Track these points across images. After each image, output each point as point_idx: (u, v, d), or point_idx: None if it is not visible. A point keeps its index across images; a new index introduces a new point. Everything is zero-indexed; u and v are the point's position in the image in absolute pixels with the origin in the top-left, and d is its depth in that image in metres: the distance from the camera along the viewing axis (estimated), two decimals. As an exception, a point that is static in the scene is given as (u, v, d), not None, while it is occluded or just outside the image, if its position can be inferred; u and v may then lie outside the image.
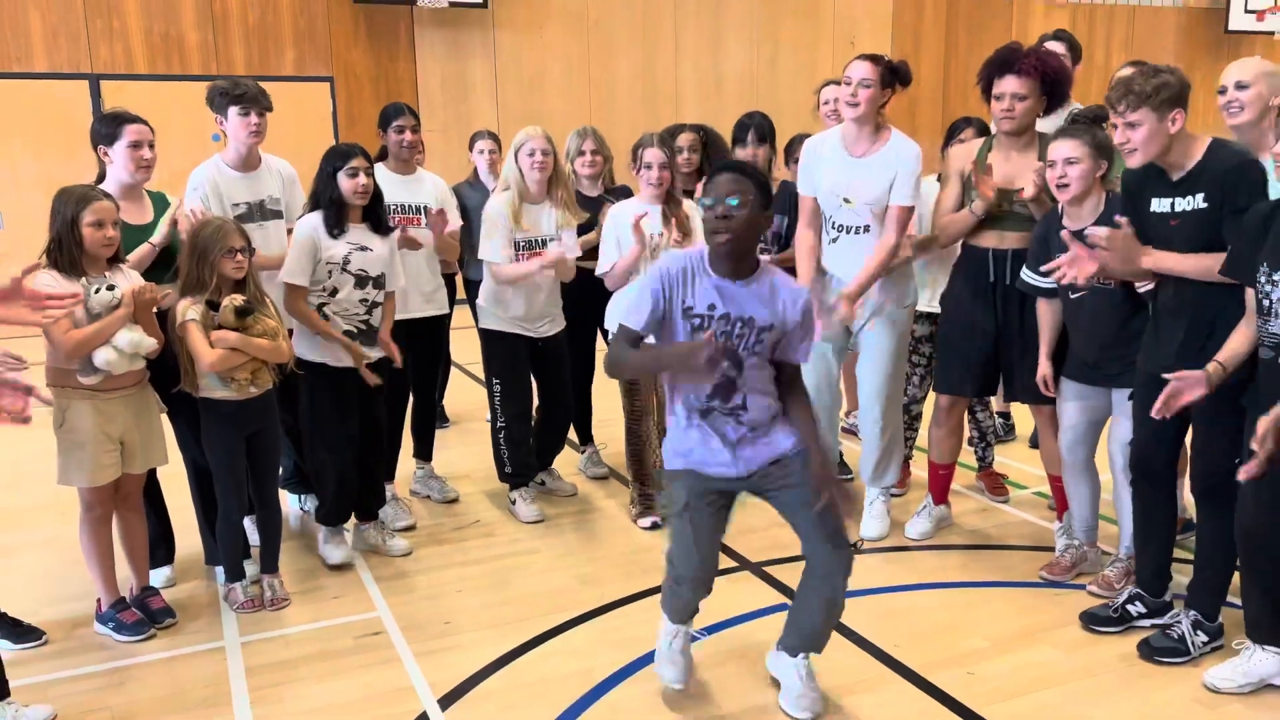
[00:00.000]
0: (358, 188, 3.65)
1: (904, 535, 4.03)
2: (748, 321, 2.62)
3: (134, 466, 3.33)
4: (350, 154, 3.66)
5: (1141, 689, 2.94)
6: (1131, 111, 2.85)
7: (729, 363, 2.62)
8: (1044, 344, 3.52)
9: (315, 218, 3.69)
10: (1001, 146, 3.69)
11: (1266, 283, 2.67)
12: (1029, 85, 3.55)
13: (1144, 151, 2.89)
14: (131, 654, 3.24)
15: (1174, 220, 2.94)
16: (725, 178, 2.57)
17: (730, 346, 2.61)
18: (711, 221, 2.57)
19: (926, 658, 3.10)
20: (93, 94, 8.80)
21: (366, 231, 3.76)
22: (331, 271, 3.69)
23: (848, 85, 3.68)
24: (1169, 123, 2.86)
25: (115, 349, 3.13)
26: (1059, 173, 3.25)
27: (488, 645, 3.24)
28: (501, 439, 4.31)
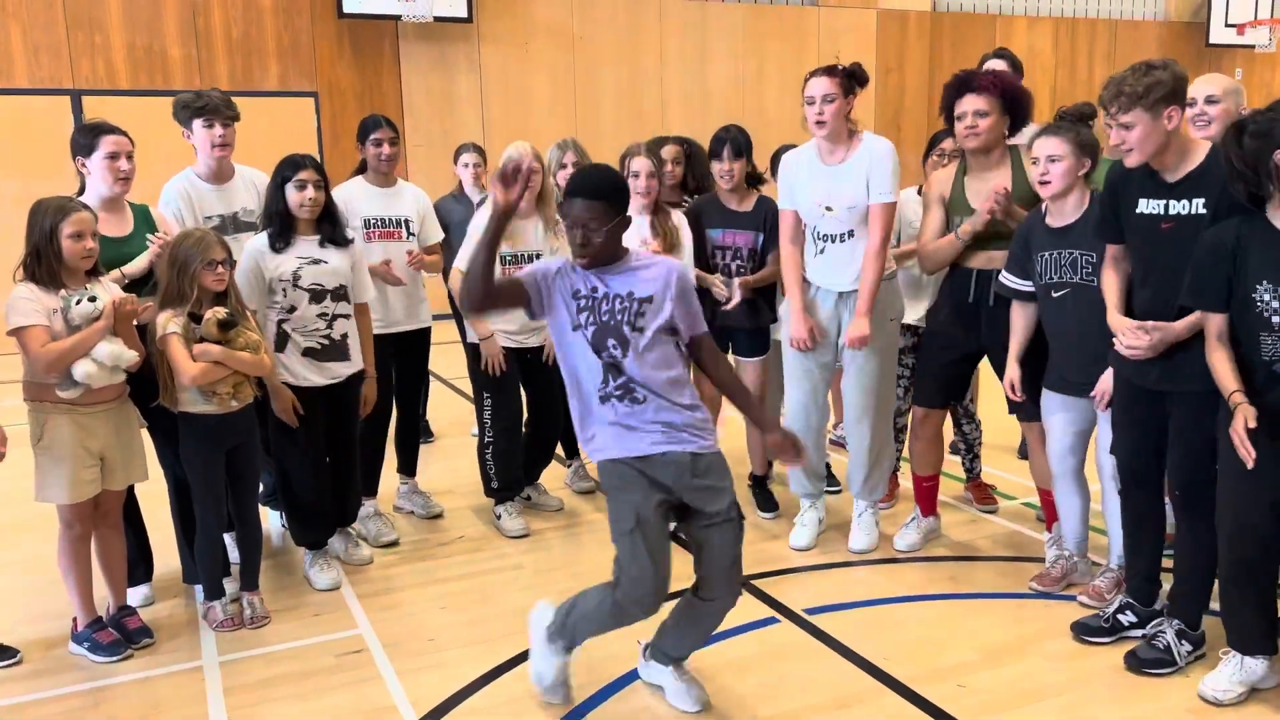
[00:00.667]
0: (304, 200, 3.59)
1: (893, 547, 4.00)
2: (627, 296, 2.68)
3: (114, 483, 3.27)
4: (300, 165, 3.60)
5: (1133, 700, 2.90)
6: (1124, 113, 2.81)
7: (614, 341, 2.66)
8: (1013, 347, 3.50)
9: (259, 239, 3.63)
10: (974, 169, 3.69)
11: (1271, 299, 2.63)
12: (989, 101, 3.56)
13: (1140, 151, 2.85)
14: (107, 674, 3.18)
15: (1166, 224, 2.89)
16: (579, 205, 2.64)
17: (613, 325, 2.66)
18: (574, 246, 2.67)
19: (916, 670, 3.06)
20: (75, 110, 8.75)
21: (316, 245, 3.67)
22: (285, 289, 3.62)
23: (811, 105, 3.67)
24: (1165, 120, 2.80)
25: (95, 362, 3.08)
26: (1041, 169, 3.24)
27: (472, 663, 3.19)
28: (489, 454, 4.27)
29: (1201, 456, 2.88)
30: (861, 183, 3.69)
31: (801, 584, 3.74)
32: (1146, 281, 2.97)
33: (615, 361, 2.67)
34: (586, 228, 2.62)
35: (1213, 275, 2.71)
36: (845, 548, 4.01)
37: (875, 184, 3.68)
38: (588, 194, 2.64)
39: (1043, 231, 3.34)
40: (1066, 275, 3.27)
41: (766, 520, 4.37)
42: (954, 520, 4.31)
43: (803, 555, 3.98)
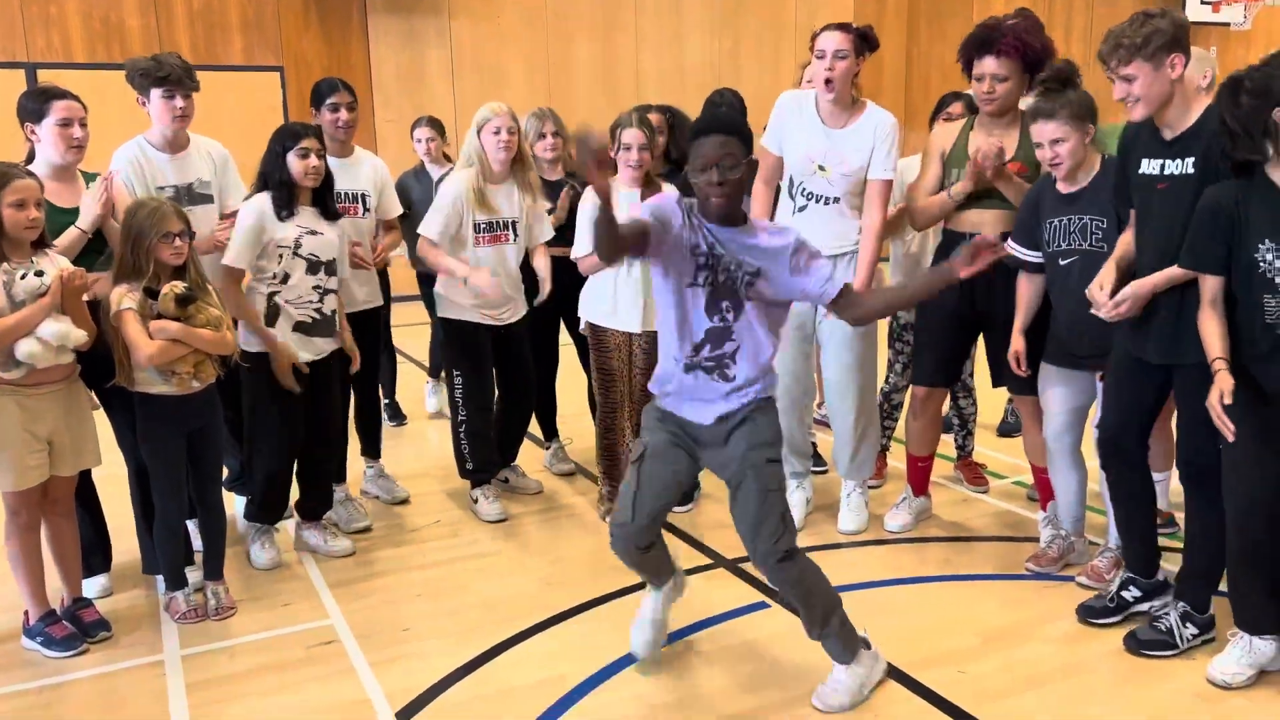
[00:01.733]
0: (308, 169, 3.46)
1: (883, 529, 3.88)
2: (740, 264, 2.57)
3: (63, 468, 3.08)
4: (301, 134, 3.47)
5: (1138, 685, 2.80)
6: (1124, 65, 2.69)
7: (728, 303, 2.57)
8: (1019, 318, 3.38)
9: (263, 199, 3.48)
10: (984, 125, 3.55)
11: (1276, 259, 2.53)
12: (1009, 66, 3.41)
13: (1146, 102, 2.73)
14: (62, 670, 3.00)
15: (1161, 184, 2.79)
16: (714, 141, 2.51)
17: (730, 286, 2.57)
18: (706, 188, 2.53)
19: (915, 656, 2.95)
20: (30, 83, 8.41)
21: (316, 216, 3.56)
22: (282, 256, 3.48)
23: (821, 59, 3.53)
24: (1168, 69, 2.69)
25: (39, 340, 2.88)
26: (1049, 154, 3.13)
27: (449, 653, 3.04)
28: (462, 433, 4.11)
29: (1206, 432, 2.77)
30: (863, 152, 3.57)
31: (791, 567, 3.60)
32: (1145, 244, 2.86)
33: (726, 326, 2.59)
34: (720, 165, 2.49)
35: (1211, 237, 2.62)
36: (834, 529, 3.89)
37: (879, 159, 3.57)
38: (718, 130, 2.53)
39: (1053, 197, 3.22)
40: (1076, 242, 3.15)
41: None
42: (945, 500, 4.20)
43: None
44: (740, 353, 2.61)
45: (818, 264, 2.62)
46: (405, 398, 5.74)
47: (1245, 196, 2.57)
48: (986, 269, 2.56)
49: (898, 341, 4.25)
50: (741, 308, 2.59)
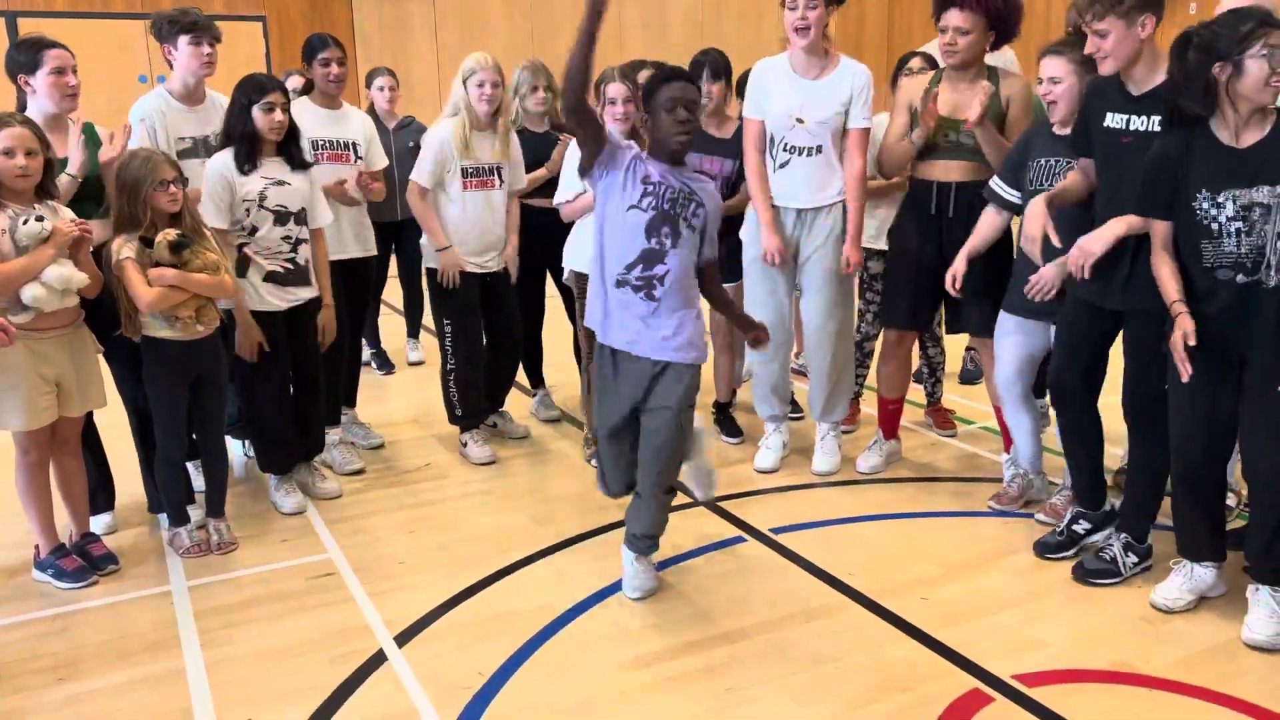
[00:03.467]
0: (273, 123, 3.52)
1: (855, 470, 4.07)
2: (689, 194, 2.89)
3: (71, 409, 3.21)
4: (268, 88, 3.52)
5: (1086, 608, 3.01)
6: (1098, 20, 2.83)
7: (668, 228, 2.86)
8: (970, 242, 3.49)
9: (225, 155, 3.55)
10: (950, 79, 3.68)
11: (1211, 207, 2.69)
12: (972, 20, 3.52)
13: (1114, 59, 2.87)
14: (73, 600, 3.15)
15: (1126, 138, 2.93)
16: (682, 85, 2.86)
17: (672, 214, 2.87)
18: (672, 126, 2.84)
19: (881, 585, 3.14)
20: (10, 31, 8.39)
21: (281, 165, 3.63)
22: (249, 209, 3.56)
23: (794, 10, 3.64)
24: (1139, 28, 2.83)
25: (44, 285, 2.99)
26: (1045, 90, 3.26)
27: (443, 584, 3.21)
28: (451, 380, 4.25)
29: (1150, 372, 2.96)
30: (837, 102, 3.70)
31: (767, 505, 3.80)
32: (1109, 197, 3.00)
33: (661, 249, 2.86)
34: (690, 104, 2.82)
35: (1158, 183, 2.76)
36: (809, 470, 4.07)
37: (856, 109, 3.72)
38: (684, 77, 2.89)
39: (1047, 137, 3.34)
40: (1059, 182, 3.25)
41: (731, 445, 4.41)
42: (914, 444, 4.39)
43: (767, 477, 4.04)
44: (668, 278, 2.87)
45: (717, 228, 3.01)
46: (395, 347, 5.86)
47: (1190, 147, 2.72)
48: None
49: (868, 291, 4.40)
50: (679, 236, 2.88)
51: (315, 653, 2.84)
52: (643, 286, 2.87)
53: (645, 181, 2.85)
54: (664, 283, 2.87)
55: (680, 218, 2.86)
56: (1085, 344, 3.13)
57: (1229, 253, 2.69)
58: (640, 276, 2.87)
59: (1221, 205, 2.67)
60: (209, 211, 3.50)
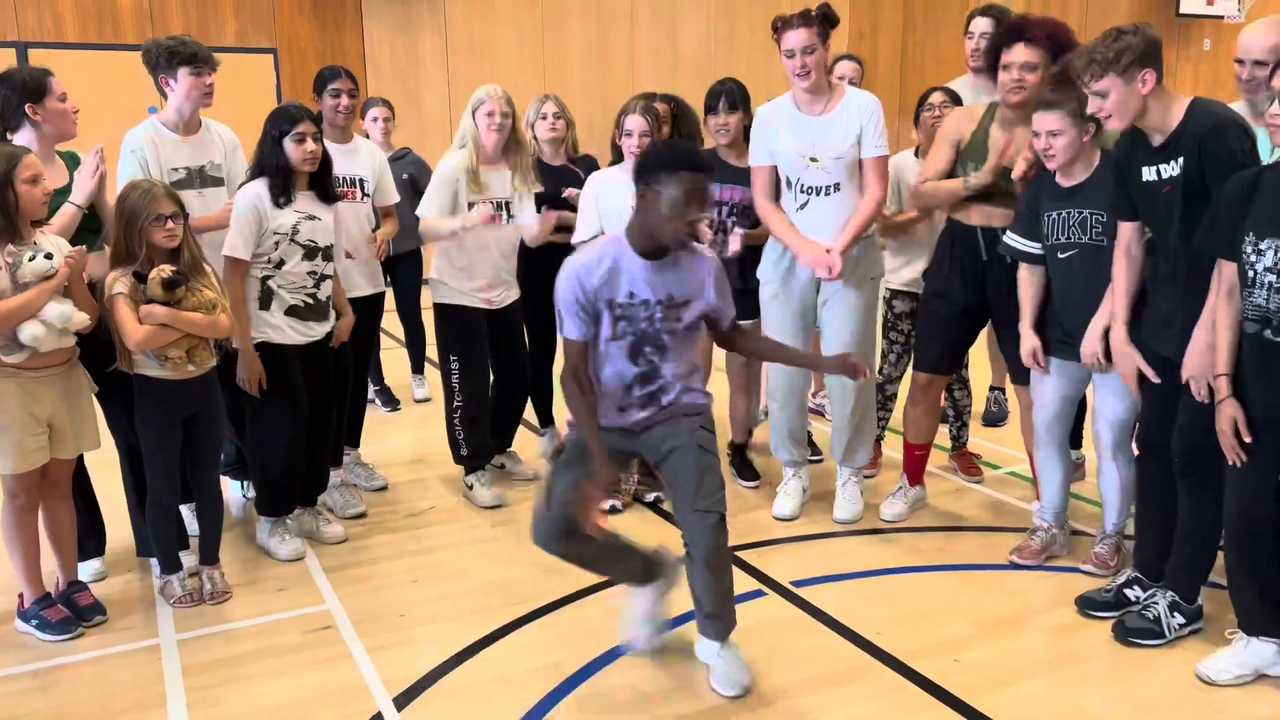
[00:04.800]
0: (305, 154, 3.41)
1: (878, 518, 3.89)
2: (667, 301, 2.68)
3: (63, 451, 3.07)
4: (298, 118, 3.41)
5: (1133, 674, 2.82)
6: (1096, 80, 2.74)
7: (651, 348, 2.70)
8: (1026, 315, 3.38)
9: (259, 185, 3.43)
10: (1004, 119, 3.53)
11: (1252, 252, 2.54)
12: (1039, 55, 3.39)
13: (1119, 117, 2.77)
14: (57, 654, 2.99)
15: (1165, 188, 2.81)
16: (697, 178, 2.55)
17: (651, 332, 2.68)
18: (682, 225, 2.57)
19: (910, 645, 2.96)
20: (20, 62, 8.35)
21: (314, 200, 3.52)
22: (279, 243, 3.44)
23: (791, 58, 3.52)
24: (1139, 84, 2.73)
25: (43, 323, 2.86)
26: (1043, 144, 3.13)
27: (446, 639, 3.04)
28: (457, 419, 4.10)
29: (1204, 422, 2.78)
30: (849, 134, 3.57)
31: (787, 555, 3.62)
32: (1161, 249, 2.88)
33: (653, 368, 2.72)
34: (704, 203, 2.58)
35: (1224, 219, 2.61)
36: (830, 518, 3.89)
37: (869, 138, 3.57)
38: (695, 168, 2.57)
39: (1052, 191, 3.22)
40: (1075, 235, 3.16)
41: (748, 489, 4.24)
42: (939, 490, 4.21)
43: (786, 526, 3.86)
44: (669, 385, 2.73)
45: (728, 290, 2.79)
46: (391, 383, 5.71)
47: (1258, 183, 2.58)
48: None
49: (892, 331, 4.25)
50: (665, 350, 2.71)
51: (309, 715, 2.67)
52: (649, 401, 2.75)
53: (612, 307, 2.65)
54: (669, 390, 2.74)
55: (662, 332, 2.68)
56: (1170, 398, 2.92)
57: (1258, 305, 2.54)
58: (641, 395, 2.74)
59: (1263, 252, 2.52)
60: (235, 243, 3.38)
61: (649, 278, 2.65)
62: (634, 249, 2.65)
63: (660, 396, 2.74)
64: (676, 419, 2.76)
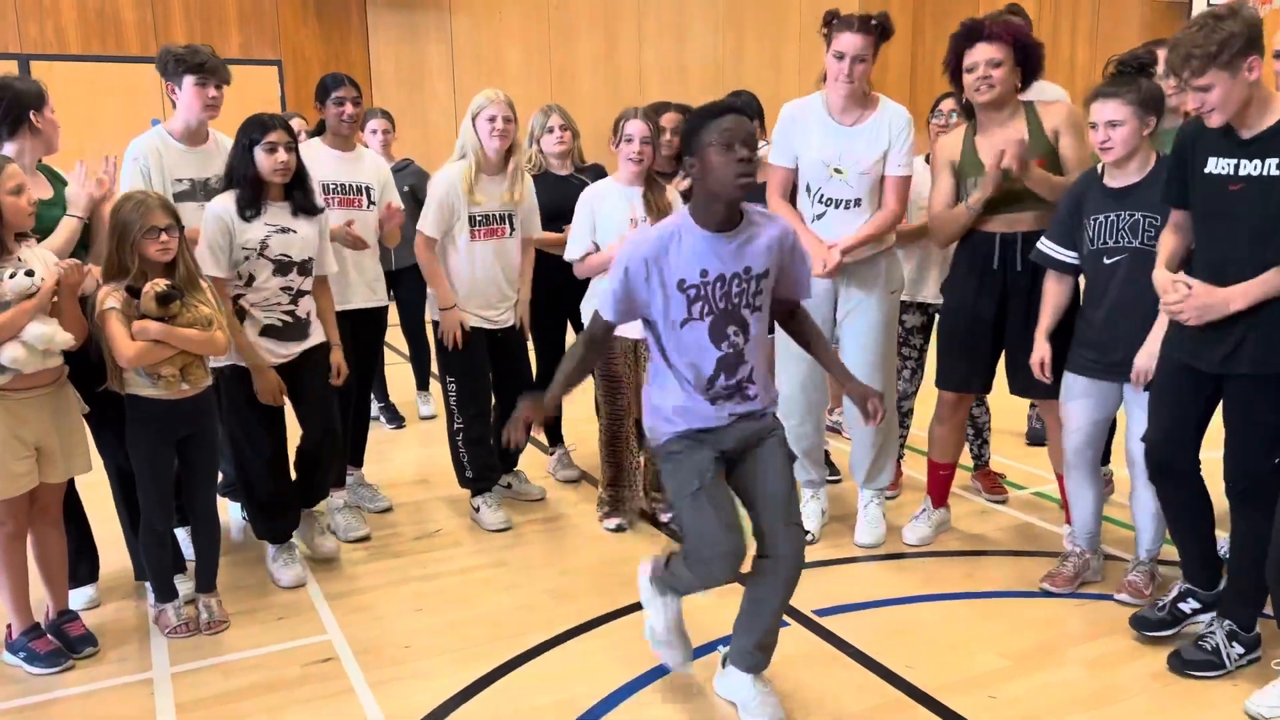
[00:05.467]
0: (276, 164, 3.26)
1: (902, 541, 3.74)
2: (745, 274, 2.45)
3: (52, 475, 2.93)
4: (269, 126, 3.26)
5: (1177, 710, 2.67)
6: (1198, 76, 2.51)
7: (735, 327, 2.46)
8: (1044, 322, 3.23)
9: (227, 199, 3.29)
10: (984, 127, 3.41)
11: None
12: (1002, 50, 3.28)
13: (1222, 111, 2.54)
14: (46, 688, 2.85)
15: (1235, 185, 2.61)
16: (737, 118, 2.36)
17: (732, 308, 2.45)
18: (735, 166, 2.32)
19: (942, 679, 2.81)
20: (22, 74, 8.26)
21: (286, 212, 3.36)
22: (248, 257, 3.30)
23: (840, 60, 3.39)
24: (1246, 73, 2.51)
25: (24, 344, 2.73)
26: (1101, 136, 2.97)
27: (453, 672, 2.89)
28: (460, 441, 3.96)
29: (1259, 445, 2.63)
30: (878, 149, 3.44)
31: (808, 581, 3.36)
32: (1209, 250, 2.69)
33: (737, 350, 2.47)
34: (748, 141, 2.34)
35: None
36: (851, 542, 3.75)
37: (895, 155, 3.45)
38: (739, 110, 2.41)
39: (1099, 193, 3.06)
40: (1125, 240, 3.00)
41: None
42: (963, 512, 4.06)
43: (807, 550, 3.70)
44: (755, 371, 2.52)
45: (805, 255, 2.58)
46: (396, 400, 5.58)
47: None
48: None
49: (904, 347, 4.09)
50: (748, 328, 2.47)
51: (308, 756, 2.53)
52: (734, 392, 2.50)
53: (683, 288, 2.42)
54: (753, 380, 2.51)
55: (743, 306, 2.45)
56: (1185, 412, 2.78)
57: None
58: (726, 386, 2.49)
59: None
60: (205, 260, 3.23)
61: (720, 250, 2.41)
62: (699, 224, 2.43)
63: (747, 387, 2.50)
64: (765, 415, 2.57)
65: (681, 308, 2.43)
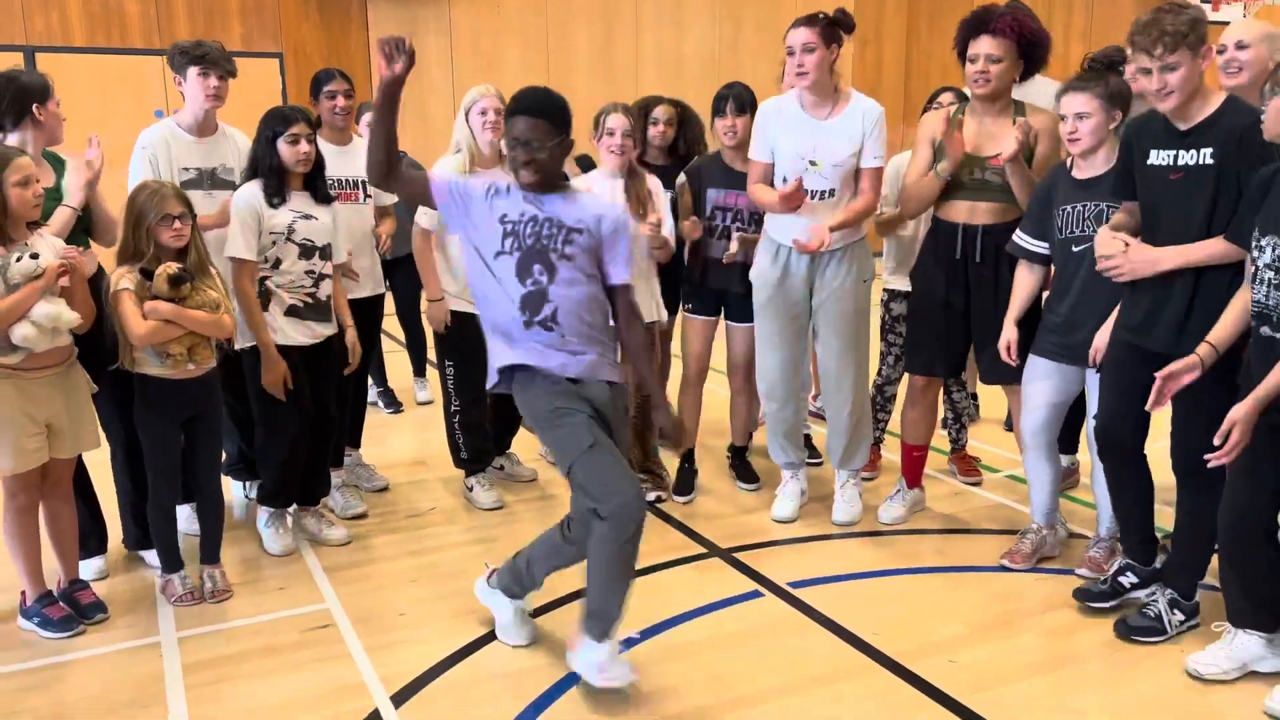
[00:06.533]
0: (299, 155, 3.44)
1: (877, 520, 3.90)
2: (556, 222, 2.67)
3: (62, 451, 3.09)
4: (292, 119, 3.44)
5: (1128, 676, 2.83)
6: (1170, 54, 2.67)
7: (540, 267, 2.65)
8: (1013, 309, 3.38)
9: (254, 186, 3.47)
10: (975, 112, 3.56)
11: (1254, 248, 2.55)
12: (1004, 47, 3.41)
13: (1180, 93, 2.72)
14: (59, 651, 3.01)
15: (1175, 174, 2.79)
16: (524, 121, 2.63)
17: (540, 248, 2.66)
18: (514, 163, 2.66)
19: (906, 645, 2.97)
20: (28, 67, 8.39)
21: (309, 200, 3.55)
22: (275, 241, 3.47)
23: (791, 55, 3.54)
24: (1202, 60, 2.71)
25: (33, 323, 2.88)
26: (1069, 128, 3.13)
27: (444, 638, 3.06)
28: (456, 423, 4.11)
29: (1202, 427, 2.78)
30: (852, 142, 3.57)
31: (784, 557, 3.63)
32: (1155, 237, 2.86)
33: (540, 289, 2.66)
34: (529, 145, 2.62)
35: (1250, 215, 2.60)
36: (828, 520, 3.90)
37: (869, 147, 3.58)
38: (529, 112, 2.65)
39: (1067, 184, 3.22)
40: (1090, 229, 3.14)
41: (747, 492, 4.25)
42: (938, 493, 4.22)
43: (785, 527, 3.87)
44: (559, 313, 2.67)
45: (624, 245, 2.73)
46: (393, 386, 5.73)
47: (1269, 183, 2.57)
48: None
49: (889, 334, 4.25)
50: (555, 270, 2.66)
51: (307, 713, 2.69)
52: (547, 324, 2.68)
53: (503, 221, 2.68)
54: (558, 319, 2.67)
55: (549, 250, 2.65)
56: (1133, 391, 2.93)
57: (1258, 301, 2.55)
58: (540, 318, 2.68)
59: (1263, 249, 2.53)
60: (237, 244, 3.41)
61: (539, 202, 2.68)
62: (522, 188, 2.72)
63: (551, 326, 2.67)
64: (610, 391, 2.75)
65: (497, 239, 2.67)
